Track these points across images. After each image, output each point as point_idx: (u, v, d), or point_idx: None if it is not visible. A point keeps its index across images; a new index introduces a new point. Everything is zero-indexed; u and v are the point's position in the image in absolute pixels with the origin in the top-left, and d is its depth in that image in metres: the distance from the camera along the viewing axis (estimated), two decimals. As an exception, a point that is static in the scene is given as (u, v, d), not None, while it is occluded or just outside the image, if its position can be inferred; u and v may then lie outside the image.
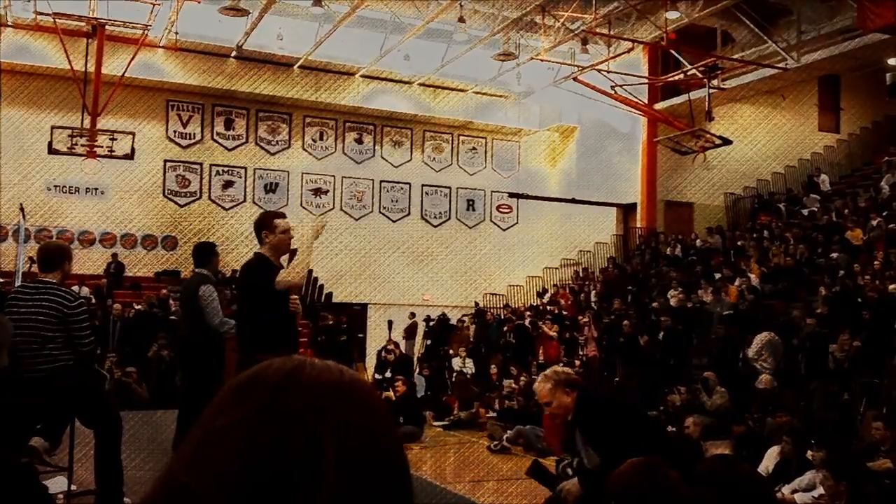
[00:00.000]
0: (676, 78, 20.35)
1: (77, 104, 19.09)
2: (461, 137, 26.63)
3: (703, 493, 3.65)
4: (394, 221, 25.65)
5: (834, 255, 16.28)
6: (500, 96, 25.70)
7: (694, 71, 19.20)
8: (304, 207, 24.41)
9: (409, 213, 25.89)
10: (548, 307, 21.00)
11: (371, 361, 20.18)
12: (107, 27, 17.83)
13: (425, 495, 7.91)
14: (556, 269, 25.06)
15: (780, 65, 19.47)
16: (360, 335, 21.23)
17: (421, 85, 24.69)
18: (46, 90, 21.19)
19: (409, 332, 21.96)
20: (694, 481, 4.10)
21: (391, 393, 13.44)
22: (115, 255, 21.62)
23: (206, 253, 7.49)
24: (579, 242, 24.75)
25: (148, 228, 22.84)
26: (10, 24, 19.20)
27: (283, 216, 5.71)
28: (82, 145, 18.59)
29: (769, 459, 8.13)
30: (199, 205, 23.44)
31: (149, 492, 0.85)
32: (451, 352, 19.11)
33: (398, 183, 25.82)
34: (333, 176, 25.04)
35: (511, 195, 25.34)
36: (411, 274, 25.20)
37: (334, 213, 24.90)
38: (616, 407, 5.01)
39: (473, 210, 26.67)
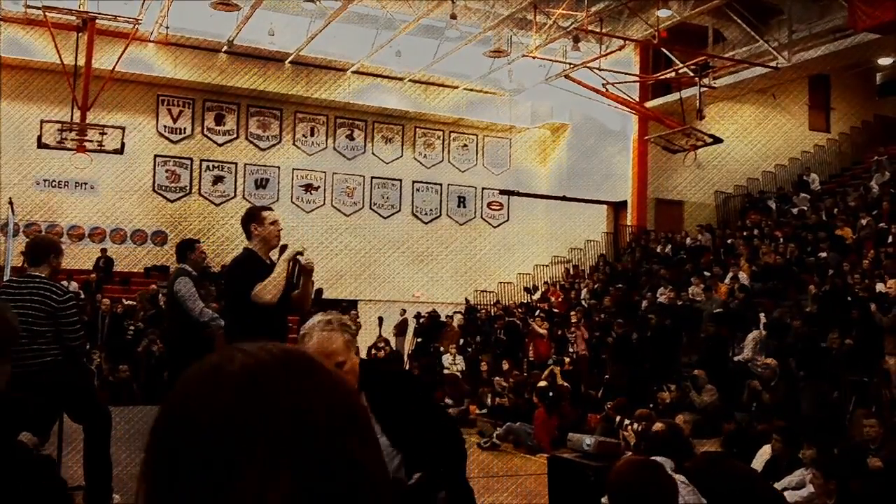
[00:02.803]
0: (668, 76, 20.40)
1: (67, 98, 19.03)
2: (452, 134, 26.60)
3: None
4: (384, 218, 25.59)
5: (823, 253, 16.31)
6: (492, 93, 25.65)
7: (685, 69, 19.23)
8: (294, 203, 24.35)
9: (399, 210, 25.83)
10: (538, 304, 21.00)
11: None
12: (97, 21, 17.76)
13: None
14: (547, 266, 25.06)
15: (771, 64, 19.51)
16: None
17: (412, 81, 24.64)
18: (36, 84, 21.06)
19: (400, 329, 21.94)
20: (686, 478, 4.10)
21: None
22: (104, 250, 21.51)
23: (184, 248, 7.63)
24: (570, 240, 24.75)
25: (138, 224, 22.75)
26: (-1, 17, 19.09)
27: (270, 209, 5.69)
28: (72, 140, 18.49)
29: (760, 458, 8.15)
30: (190, 201, 23.35)
31: None
32: (441, 349, 19.09)
33: (389, 179, 25.77)
34: (324, 172, 24.98)
35: (502, 192, 25.33)
36: (401, 270, 25.16)
37: (325, 209, 24.85)
38: (406, 377, 4.46)
39: (464, 207, 26.64)
